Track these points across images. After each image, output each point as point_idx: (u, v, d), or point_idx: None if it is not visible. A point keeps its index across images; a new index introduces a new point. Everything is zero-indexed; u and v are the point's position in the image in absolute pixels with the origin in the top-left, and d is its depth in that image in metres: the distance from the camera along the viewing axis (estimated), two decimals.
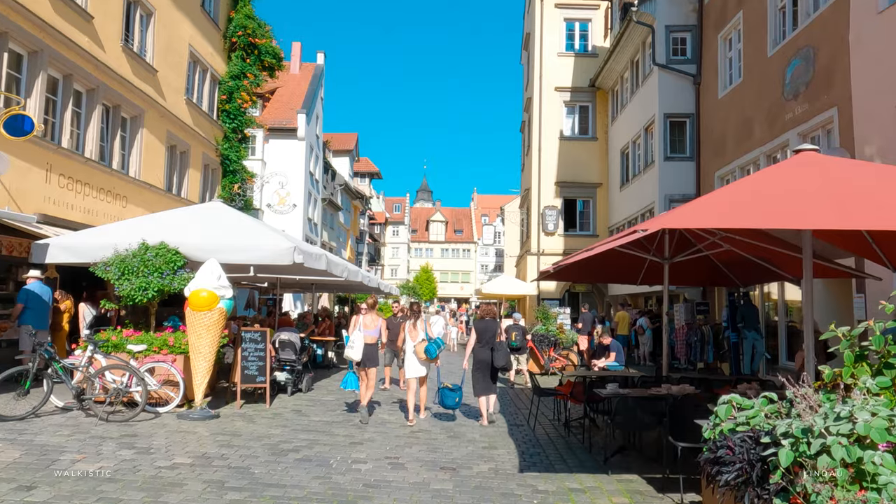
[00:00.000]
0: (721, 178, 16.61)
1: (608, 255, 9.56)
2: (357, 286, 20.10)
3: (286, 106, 36.70)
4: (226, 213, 11.07)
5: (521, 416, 10.18)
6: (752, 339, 13.35)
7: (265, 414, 9.32)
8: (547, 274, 9.93)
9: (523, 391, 13.38)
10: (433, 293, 75.64)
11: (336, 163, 47.37)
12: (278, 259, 9.68)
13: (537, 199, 25.07)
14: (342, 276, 13.35)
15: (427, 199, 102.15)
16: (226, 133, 21.79)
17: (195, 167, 19.71)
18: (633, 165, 21.70)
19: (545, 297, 24.14)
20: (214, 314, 8.65)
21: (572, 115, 25.73)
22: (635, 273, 11.15)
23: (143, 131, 16.22)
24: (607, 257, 9.76)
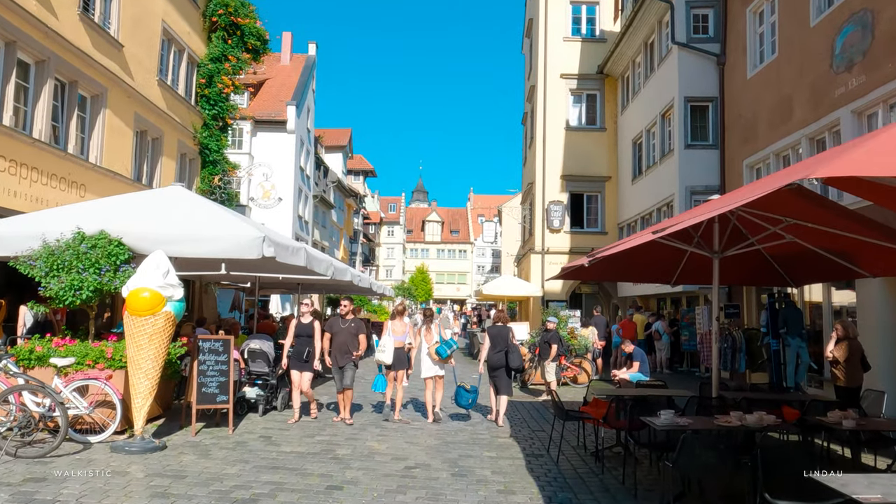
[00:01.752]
0: (751, 166, 14.94)
1: (643, 249, 7.94)
2: (347, 286, 18.39)
3: (275, 98, 34.96)
4: (185, 199, 9.33)
5: (538, 441, 8.45)
6: (797, 347, 11.68)
7: (226, 443, 7.58)
8: (571, 271, 8.26)
9: (534, 407, 11.66)
10: (429, 294, 73.87)
11: (329, 159, 45.61)
12: (244, 252, 7.96)
13: (541, 194, 23.37)
14: (327, 275, 11.61)
15: (423, 200, 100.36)
16: (205, 120, 20.02)
17: (169, 155, 17.94)
18: (648, 156, 20.02)
19: (549, 299, 22.46)
20: (159, 319, 6.91)
21: (579, 104, 24.05)
22: (670, 270, 9.49)
23: (105, 112, 14.45)
24: (641, 252, 8.14)
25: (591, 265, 8.55)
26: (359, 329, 9.44)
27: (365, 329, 9.33)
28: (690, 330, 17.91)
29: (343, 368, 9.28)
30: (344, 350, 9.26)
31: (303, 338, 9.27)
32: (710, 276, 9.65)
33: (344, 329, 9.34)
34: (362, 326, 9.44)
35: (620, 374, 11.99)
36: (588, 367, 14.83)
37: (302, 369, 9.25)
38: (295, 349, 9.29)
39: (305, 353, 9.18)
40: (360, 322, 9.40)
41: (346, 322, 9.42)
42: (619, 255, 7.33)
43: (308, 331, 9.29)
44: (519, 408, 11.43)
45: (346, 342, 9.27)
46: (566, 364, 14.63)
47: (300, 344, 9.27)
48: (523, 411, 11.09)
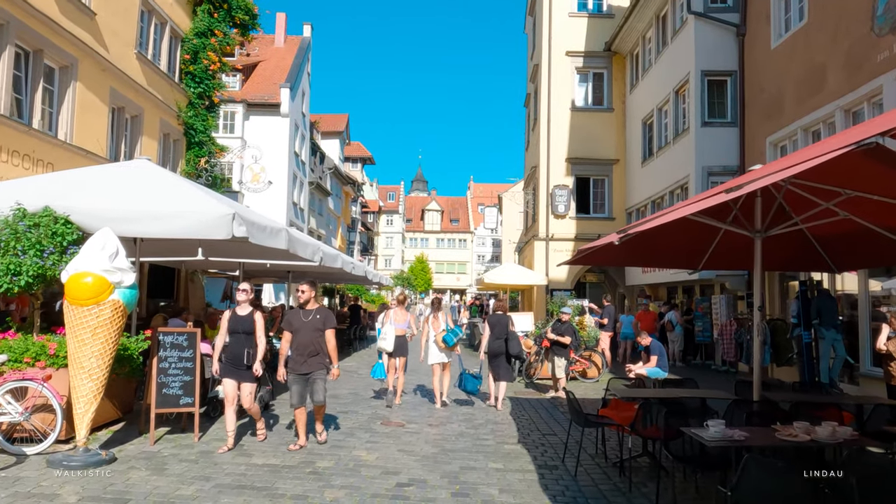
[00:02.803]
0: (774, 144, 13.83)
1: (669, 230, 6.90)
2: (340, 274, 17.33)
3: (269, 80, 33.76)
4: (150, 174, 8.22)
5: (550, 449, 7.39)
6: (831, 340, 10.63)
7: (188, 453, 6.51)
8: (590, 253, 7.19)
9: (542, 406, 10.60)
10: (428, 284, 72.86)
11: (325, 145, 44.42)
12: (211, 231, 6.87)
13: (546, 178, 22.24)
14: (314, 260, 10.55)
15: (422, 190, 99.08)
16: (190, 99, 18.86)
17: (150, 135, 16.80)
18: (659, 136, 18.88)
19: (554, 288, 21.40)
20: (105, 309, 5.83)
21: (585, 84, 22.87)
22: (697, 253, 8.42)
23: (75, 85, 13.31)
24: (667, 233, 7.10)
25: (613, 246, 7.49)
26: (326, 322, 6.95)
27: (334, 321, 7.01)
28: (705, 320, 16.88)
29: (309, 377, 6.85)
30: (308, 352, 6.82)
31: (239, 335, 6.83)
32: (744, 260, 8.60)
33: (306, 324, 6.87)
34: (331, 318, 7.01)
35: (636, 370, 10.96)
36: (598, 360, 13.77)
37: (240, 378, 6.81)
38: (229, 351, 6.88)
39: (244, 356, 6.78)
40: (327, 313, 7.02)
41: (309, 314, 6.95)
42: (647, 233, 6.25)
43: (246, 325, 6.86)
44: (526, 406, 10.38)
45: (311, 341, 6.83)
46: (575, 358, 13.57)
47: (235, 344, 6.84)
48: (531, 411, 10.04)
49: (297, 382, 6.89)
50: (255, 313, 7.01)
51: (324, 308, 7.11)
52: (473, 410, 9.80)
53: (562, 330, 11.34)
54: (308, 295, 7.02)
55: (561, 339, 11.25)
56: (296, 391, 6.89)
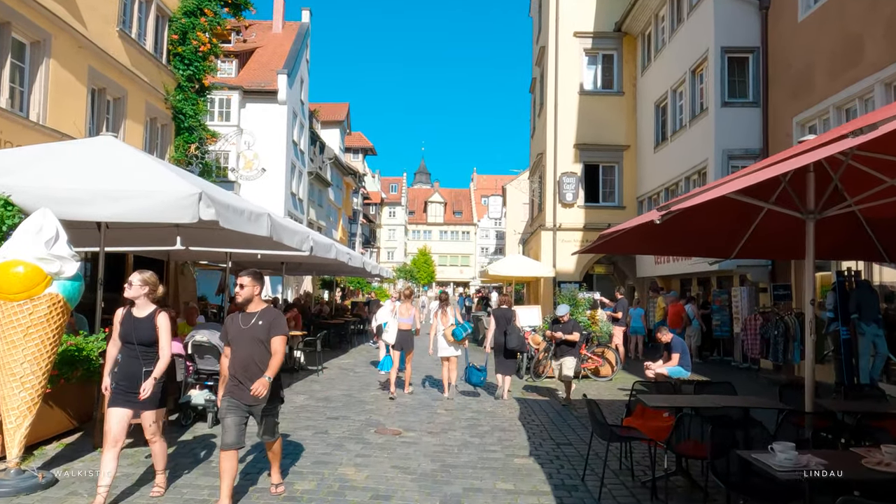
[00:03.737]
0: (802, 124, 12.82)
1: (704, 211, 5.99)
2: (338, 266, 16.41)
3: (266, 67, 32.76)
4: (113, 151, 7.26)
5: (567, 463, 6.45)
6: (872, 336, 9.65)
7: (145, 472, 5.59)
8: (617, 236, 6.24)
9: (553, 409, 9.67)
10: (431, 277, 71.99)
11: (325, 135, 43.42)
12: (173, 213, 5.93)
13: (553, 165, 21.24)
14: (302, 249, 9.62)
15: (425, 182, 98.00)
16: (179, 82, 17.88)
17: (135, 119, 15.85)
18: (674, 119, 17.85)
19: (562, 280, 20.44)
20: (40, 305, 4.90)
21: (594, 66, 21.81)
22: (731, 239, 7.49)
23: (49, 63, 12.35)
24: (700, 214, 6.20)
25: (637, 232, 6.55)
26: (273, 328, 4.89)
27: (284, 326, 4.97)
28: (723, 314, 15.90)
29: (253, 409, 4.88)
30: (248, 372, 4.80)
31: (132, 347, 4.85)
32: (785, 247, 7.67)
33: (245, 333, 4.87)
34: (279, 322, 4.95)
35: (656, 369, 10.00)
36: (611, 357, 12.84)
37: (135, 407, 4.81)
38: (119, 369, 4.89)
39: (141, 378, 4.78)
40: (273, 316, 4.96)
41: (250, 319, 4.91)
42: (680, 215, 5.29)
43: (145, 333, 4.88)
44: (535, 410, 9.45)
45: (252, 357, 4.82)
46: (587, 354, 12.64)
47: (129, 358, 4.87)
48: (541, 415, 9.11)
49: (232, 412, 4.78)
50: (158, 315, 4.95)
51: (270, 309, 5.03)
52: (478, 416, 8.88)
53: (568, 329, 10.33)
54: (249, 292, 4.89)
55: (570, 338, 10.25)
56: (230, 425, 4.75)
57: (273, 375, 4.77)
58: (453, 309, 10.81)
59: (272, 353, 4.85)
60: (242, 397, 4.80)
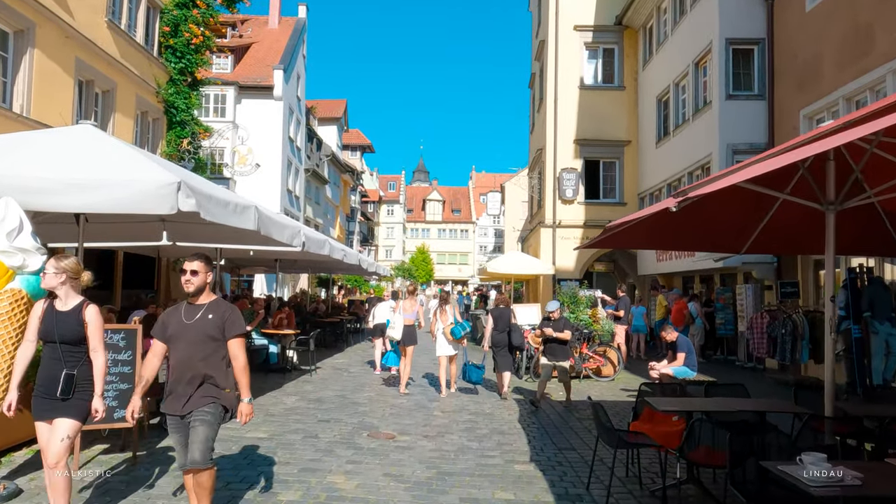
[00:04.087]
0: (810, 117, 12.48)
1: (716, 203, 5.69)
2: (333, 264, 16.04)
3: (261, 62, 32.39)
4: (91, 140, 6.86)
5: (570, 469, 6.09)
6: (885, 335, 9.31)
7: (116, 482, 5.22)
8: (630, 226, 5.89)
9: (554, 410, 9.30)
10: (430, 275, 71.59)
11: (322, 132, 43.05)
12: (150, 204, 5.54)
13: (552, 161, 20.87)
14: (294, 245, 9.24)
15: (424, 180, 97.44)
16: (171, 75, 17.49)
17: (125, 112, 15.46)
18: (676, 114, 17.49)
19: (561, 278, 20.08)
20: (2, 302, 4.53)
21: (594, 60, 21.44)
22: (742, 233, 7.15)
23: (33, 53, 11.97)
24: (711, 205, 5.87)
25: (643, 226, 6.20)
26: (228, 325, 4.04)
27: (241, 325, 4.12)
28: (726, 312, 15.54)
29: (188, 419, 3.96)
30: (190, 376, 3.97)
31: (54, 347, 4.04)
32: (800, 241, 7.30)
33: (190, 329, 4.01)
34: (234, 319, 4.08)
35: (661, 369, 9.67)
36: (614, 356, 12.48)
37: (55, 416, 4.00)
38: (39, 373, 4.10)
39: (59, 382, 3.98)
40: (226, 310, 4.08)
41: (196, 312, 4.06)
42: (705, 200, 4.94)
43: (70, 330, 4.05)
44: (535, 411, 9.08)
45: (195, 359, 3.97)
46: (588, 353, 12.28)
47: (50, 360, 4.05)
48: (542, 417, 8.75)
49: (177, 430, 4.00)
50: (85, 308, 4.11)
51: (221, 302, 4.11)
52: (476, 418, 8.51)
53: (559, 326, 9.70)
54: (201, 280, 4.02)
55: (561, 336, 9.60)
56: (178, 442, 4.05)
57: (244, 387, 4.01)
58: (452, 308, 10.90)
59: (232, 359, 4.00)
60: (179, 407, 3.90)
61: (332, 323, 18.38)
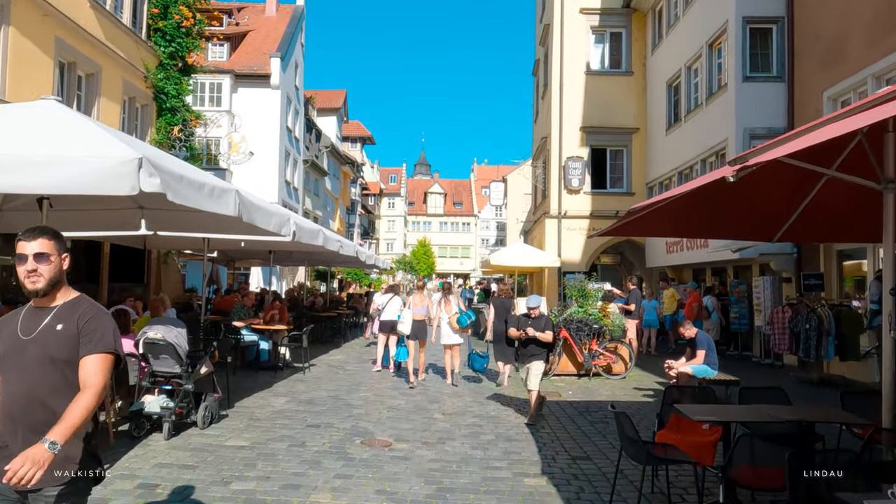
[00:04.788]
0: (834, 99, 11.73)
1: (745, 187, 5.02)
2: (330, 256, 15.33)
3: (258, 51, 31.61)
4: (51, 115, 6.13)
5: (588, 485, 5.39)
6: None
7: None
8: (647, 212, 5.18)
9: (563, 412, 8.61)
10: (431, 268, 70.88)
11: (321, 123, 42.29)
12: (110, 184, 4.83)
13: (558, 150, 20.12)
14: (282, 234, 8.53)
15: (425, 174, 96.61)
16: (161, 59, 16.76)
17: (111, 97, 14.73)
18: (688, 99, 16.73)
19: (567, 270, 19.39)
20: None
21: (601, 45, 20.67)
22: (775, 218, 6.45)
23: (8, 31, 11.25)
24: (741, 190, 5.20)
25: (666, 211, 5.49)
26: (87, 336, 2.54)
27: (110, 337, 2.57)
28: (741, 306, 14.84)
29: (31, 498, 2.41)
30: (26, 416, 2.46)
31: None
32: (845, 228, 6.59)
33: (30, 344, 2.53)
34: (102, 327, 2.56)
35: (679, 367, 8.99)
36: (625, 353, 11.78)
37: None
38: None
39: None
40: (90, 313, 2.59)
41: (42, 318, 2.58)
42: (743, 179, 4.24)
43: None
44: (544, 413, 8.38)
45: (37, 389, 2.48)
46: (598, 350, 11.59)
47: None
48: (550, 418, 8.06)
49: None
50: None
51: (80, 302, 2.66)
52: (480, 421, 7.83)
53: (540, 325, 8.00)
54: (50, 271, 2.57)
55: (542, 337, 7.89)
56: None
57: (67, 438, 2.29)
58: (456, 298, 11.04)
59: (81, 387, 2.46)
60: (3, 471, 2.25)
61: (329, 317, 17.70)
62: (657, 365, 13.05)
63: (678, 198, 4.71)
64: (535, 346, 7.98)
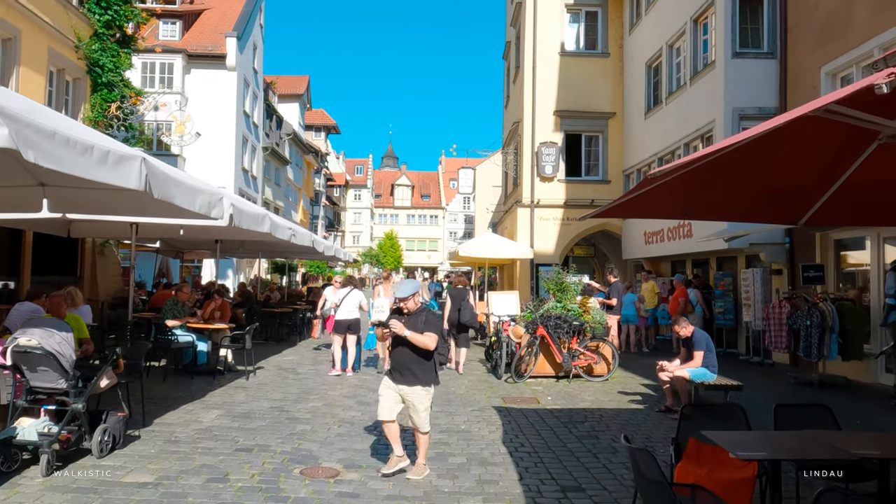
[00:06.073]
0: (834, 74, 10.79)
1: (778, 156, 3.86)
2: (287, 247, 13.92)
3: (214, 30, 29.81)
4: None
5: None
6: None
7: None
8: (660, 185, 4.01)
9: (543, 421, 7.44)
10: (398, 262, 69.45)
11: (283, 109, 40.52)
12: None
13: (530, 135, 19.00)
14: (215, 218, 7.18)
15: (393, 166, 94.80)
16: (95, 28, 15.10)
17: (33, 67, 13.08)
18: (670, 79, 15.72)
19: (540, 262, 18.32)
20: None
21: (576, 24, 19.59)
22: (803, 197, 5.38)
23: None
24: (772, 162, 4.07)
25: (668, 191, 4.37)
26: None
27: None
28: (726, 300, 13.91)
29: None
30: None
31: None
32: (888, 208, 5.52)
33: None
34: None
35: (675, 371, 7.92)
36: (608, 352, 10.69)
37: None
38: None
39: None
40: None
41: None
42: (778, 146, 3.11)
43: None
44: (522, 424, 7.20)
45: None
46: (578, 350, 10.47)
47: None
48: (530, 432, 6.88)
49: None
50: None
51: None
52: (448, 437, 6.61)
53: (418, 324, 5.22)
54: None
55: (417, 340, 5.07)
56: None
57: None
58: (422, 289, 11.25)
59: None
60: None
61: (284, 313, 16.31)
62: (640, 364, 12.02)
63: (714, 159, 3.54)
64: (411, 356, 5.14)
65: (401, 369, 5.20)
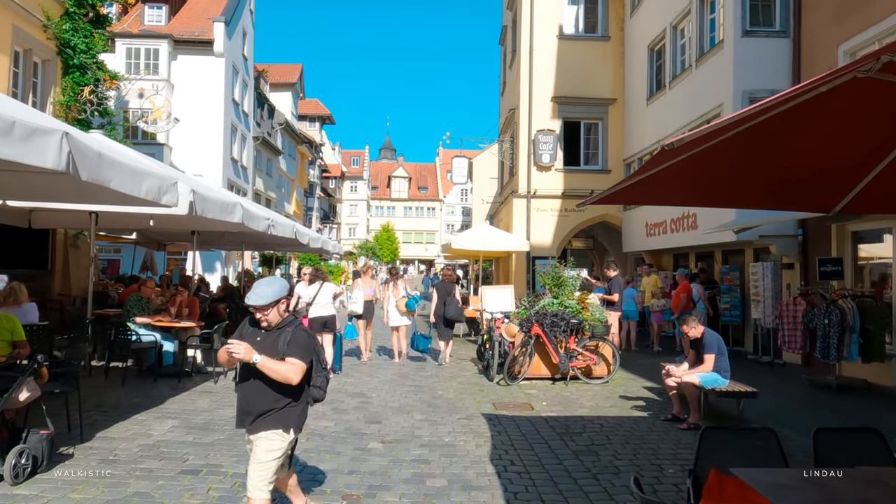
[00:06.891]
0: (852, 53, 9.97)
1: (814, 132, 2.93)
2: (272, 239, 13.10)
3: (201, 15, 28.92)
4: None
5: None
6: None
7: None
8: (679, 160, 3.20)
9: (537, 432, 6.67)
10: (395, 254, 68.67)
11: (275, 98, 39.59)
12: None
13: (527, 122, 18.18)
14: (168, 205, 6.38)
15: (390, 158, 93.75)
16: (66, 7, 14.24)
17: None
18: (674, 62, 14.90)
19: (536, 255, 17.55)
20: None
21: (576, 6, 18.73)
22: (844, 183, 4.62)
23: None
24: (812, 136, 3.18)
25: (681, 171, 3.61)
26: None
27: None
28: (733, 295, 13.16)
29: None
30: None
31: None
32: None
33: None
34: None
35: (682, 376, 7.16)
36: (608, 352, 9.93)
37: None
38: None
39: None
40: None
41: None
42: None
43: None
44: (513, 435, 6.44)
45: None
46: (576, 349, 9.70)
47: None
48: (522, 446, 6.12)
49: None
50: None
51: None
52: (429, 453, 5.85)
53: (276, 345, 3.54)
54: None
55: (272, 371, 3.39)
56: None
57: None
58: (404, 283, 11.63)
59: None
60: None
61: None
62: (640, 364, 11.28)
63: (748, 127, 2.75)
64: (266, 391, 3.50)
65: (249, 409, 3.50)
